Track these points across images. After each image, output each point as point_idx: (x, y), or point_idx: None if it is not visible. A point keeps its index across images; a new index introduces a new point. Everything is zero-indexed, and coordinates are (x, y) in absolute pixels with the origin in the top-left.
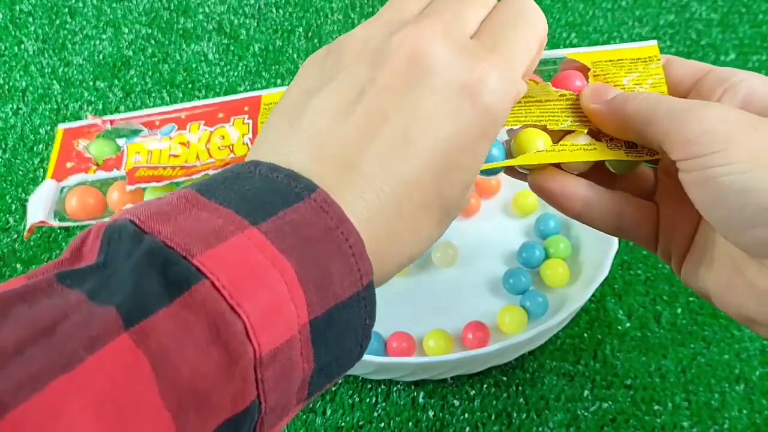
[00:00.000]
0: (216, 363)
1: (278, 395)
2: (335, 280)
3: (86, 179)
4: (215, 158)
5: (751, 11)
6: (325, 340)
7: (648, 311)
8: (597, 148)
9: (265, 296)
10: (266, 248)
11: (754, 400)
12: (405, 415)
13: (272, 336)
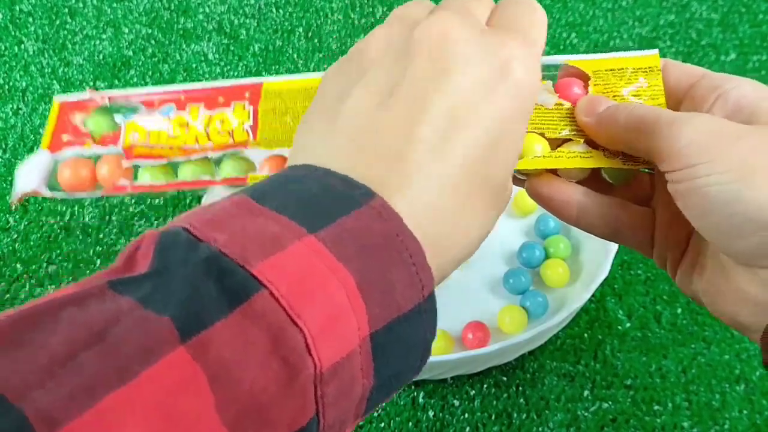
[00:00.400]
0: (276, 377)
1: (337, 412)
2: (397, 291)
3: (81, 153)
4: (214, 143)
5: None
6: (387, 355)
7: (648, 311)
8: (594, 156)
9: (326, 307)
10: (325, 256)
11: (754, 401)
12: (405, 415)
13: (333, 349)
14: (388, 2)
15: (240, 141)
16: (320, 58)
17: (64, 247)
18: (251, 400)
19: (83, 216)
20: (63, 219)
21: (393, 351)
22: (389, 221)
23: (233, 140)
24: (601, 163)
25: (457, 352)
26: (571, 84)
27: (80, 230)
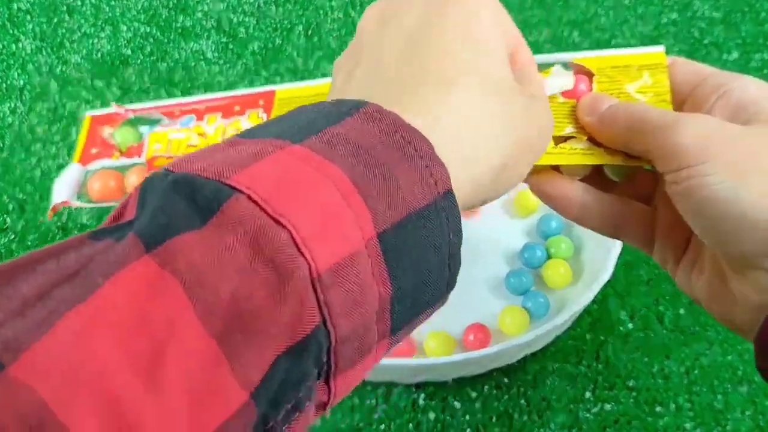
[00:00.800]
0: (263, 281)
1: (352, 323)
2: (403, 187)
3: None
4: None
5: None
6: (401, 258)
7: (651, 312)
8: (595, 153)
9: (313, 204)
10: (311, 159)
11: (757, 402)
12: (405, 417)
13: (331, 249)
14: None
15: None
16: (320, 56)
17: None
18: (236, 307)
19: (80, 216)
20: (60, 220)
21: (409, 254)
22: (384, 121)
23: None
24: (603, 159)
25: (458, 353)
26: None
27: (77, 231)
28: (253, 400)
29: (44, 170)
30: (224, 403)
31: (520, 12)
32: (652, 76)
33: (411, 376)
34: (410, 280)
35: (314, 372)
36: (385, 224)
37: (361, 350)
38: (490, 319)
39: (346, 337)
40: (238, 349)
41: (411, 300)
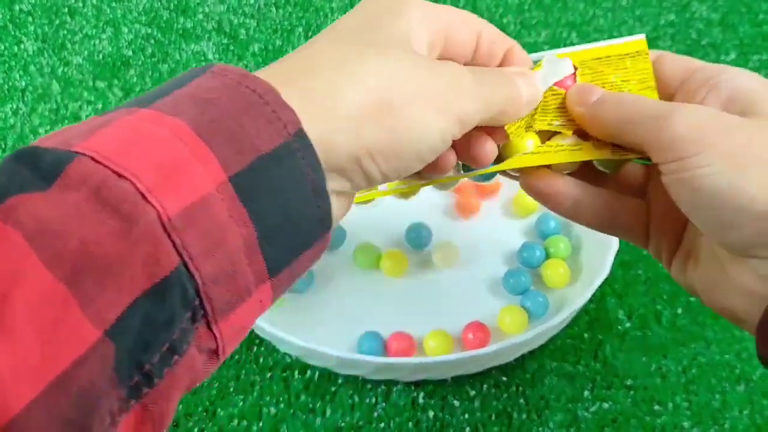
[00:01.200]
0: (110, 229)
1: (216, 263)
2: (250, 132)
3: None
4: None
5: (751, 11)
6: (260, 199)
7: (648, 311)
8: (583, 149)
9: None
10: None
11: (755, 401)
12: (405, 416)
13: (178, 194)
14: None
15: None
16: None
17: None
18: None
19: None
20: None
21: (267, 193)
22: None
23: None
24: (591, 155)
25: (457, 352)
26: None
27: None
28: (109, 338)
29: None
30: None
31: (518, 13)
32: (634, 64)
33: (410, 375)
34: (274, 219)
35: (184, 314)
36: (235, 168)
37: (237, 292)
38: (489, 318)
39: (214, 278)
40: (90, 292)
41: (282, 239)
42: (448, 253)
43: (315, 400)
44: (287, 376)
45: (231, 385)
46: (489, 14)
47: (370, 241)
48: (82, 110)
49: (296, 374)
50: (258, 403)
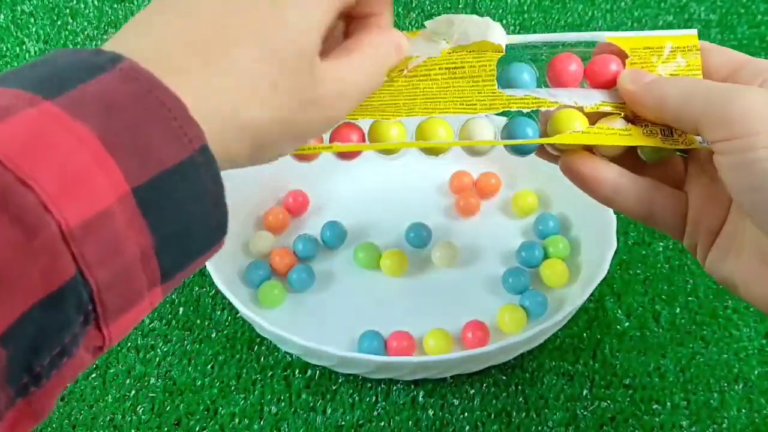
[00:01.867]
0: (10, 238)
1: (111, 272)
2: (155, 146)
3: None
4: None
5: (749, 12)
6: (160, 210)
7: (647, 311)
8: (633, 134)
9: (62, 165)
10: (61, 118)
11: (753, 400)
12: (405, 414)
13: (80, 207)
14: None
15: None
16: None
17: None
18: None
19: None
20: None
21: (169, 206)
22: (139, 80)
23: None
24: (641, 141)
25: (456, 351)
26: (608, 60)
27: None
28: (1, 345)
29: None
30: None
31: (518, 14)
32: (685, 58)
33: (410, 374)
34: (173, 230)
35: (77, 319)
36: (138, 181)
37: (129, 297)
38: (489, 318)
39: (108, 285)
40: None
41: (179, 248)
42: (448, 253)
43: (316, 399)
44: (288, 375)
45: (232, 384)
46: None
47: (370, 241)
48: None
49: (297, 373)
50: (259, 402)
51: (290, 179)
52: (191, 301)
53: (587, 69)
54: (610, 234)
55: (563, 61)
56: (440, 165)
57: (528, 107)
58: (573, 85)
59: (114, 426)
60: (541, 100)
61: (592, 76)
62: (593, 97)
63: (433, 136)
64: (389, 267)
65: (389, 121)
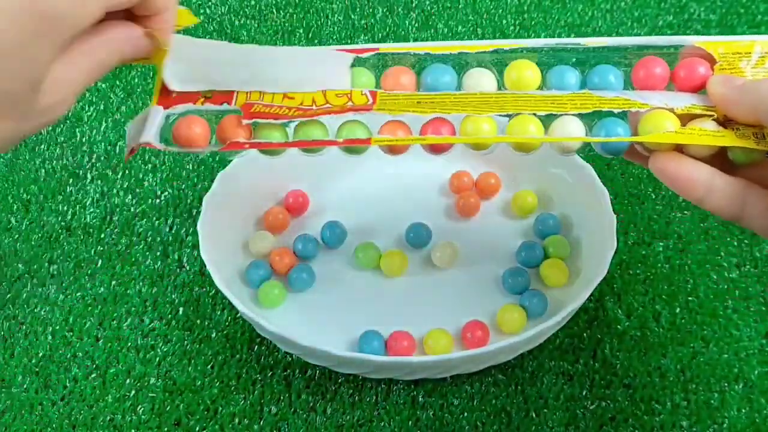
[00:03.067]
0: None
1: None
2: None
3: (194, 109)
4: (332, 104)
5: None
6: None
7: (647, 311)
8: (726, 135)
9: None
10: None
11: (753, 399)
12: (405, 414)
13: None
14: (387, 3)
15: (359, 104)
16: None
17: (65, 247)
18: None
19: (84, 216)
20: (64, 219)
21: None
22: None
23: (352, 102)
24: (734, 142)
25: (456, 351)
26: (695, 64)
27: (81, 230)
28: None
29: (48, 171)
30: None
31: (518, 15)
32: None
33: (410, 374)
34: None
35: None
36: None
37: None
38: (489, 318)
39: None
40: None
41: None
42: (448, 253)
43: (316, 399)
44: (288, 375)
45: (232, 384)
46: (488, 15)
47: (370, 241)
48: (84, 111)
49: (297, 373)
50: (259, 402)
51: (290, 179)
52: (191, 301)
53: (674, 72)
54: (610, 234)
55: (649, 64)
56: (440, 165)
57: (618, 108)
58: (659, 88)
59: (114, 426)
60: (631, 102)
61: (679, 80)
62: (683, 100)
63: (523, 132)
64: (389, 267)
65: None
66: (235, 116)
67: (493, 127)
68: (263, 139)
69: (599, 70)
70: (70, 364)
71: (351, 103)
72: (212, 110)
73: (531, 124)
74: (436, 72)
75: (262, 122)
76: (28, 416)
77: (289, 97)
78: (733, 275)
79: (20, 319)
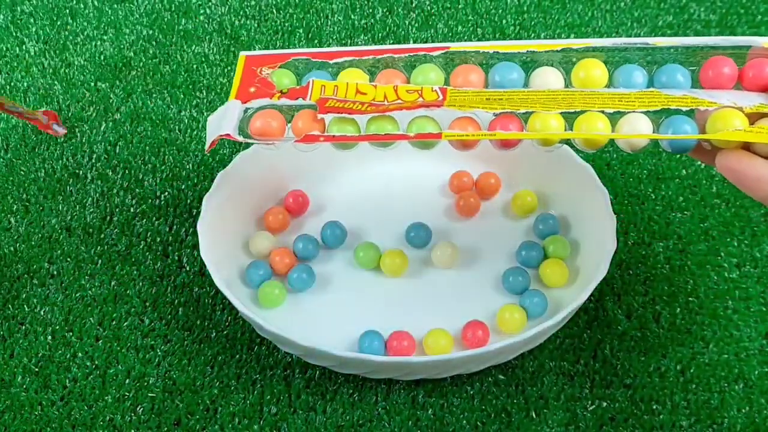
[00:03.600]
0: None
1: None
2: None
3: (270, 104)
4: (403, 99)
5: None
6: None
7: (647, 311)
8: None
9: None
10: None
11: (753, 400)
12: (405, 414)
13: None
14: (387, 3)
15: (430, 101)
16: None
17: (65, 247)
18: None
19: (84, 216)
20: (64, 219)
21: None
22: None
23: (423, 99)
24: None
25: (456, 351)
26: (764, 64)
27: (81, 230)
28: None
29: (48, 172)
30: None
31: (518, 15)
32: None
33: (410, 374)
34: None
35: None
36: None
37: None
38: (489, 318)
39: None
40: None
41: None
42: (448, 253)
43: (316, 399)
44: (288, 375)
45: (232, 384)
46: (488, 15)
47: (370, 241)
48: (85, 111)
49: (297, 373)
50: (259, 402)
51: (290, 179)
52: (191, 301)
53: (743, 72)
54: (610, 234)
55: (717, 64)
56: (440, 165)
57: (687, 106)
58: (727, 87)
59: (114, 426)
60: (699, 100)
61: (747, 79)
62: (752, 99)
63: (592, 129)
64: (389, 267)
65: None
66: (311, 111)
67: (561, 123)
68: (337, 132)
69: (667, 69)
70: (69, 364)
71: (422, 99)
72: (288, 105)
73: (599, 121)
74: (503, 69)
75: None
76: (28, 416)
77: (361, 93)
78: (733, 275)
79: (20, 319)
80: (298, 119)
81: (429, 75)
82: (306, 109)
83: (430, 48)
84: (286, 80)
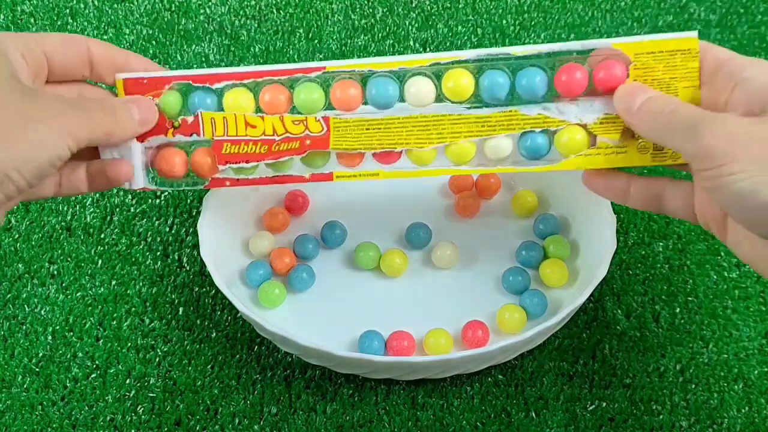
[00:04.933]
0: None
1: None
2: None
3: (166, 141)
4: (290, 132)
5: (749, 12)
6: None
7: (646, 311)
8: (628, 152)
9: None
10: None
11: (752, 400)
12: (405, 414)
13: None
14: (388, 3)
15: (315, 132)
16: (320, 59)
17: (65, 247)
18: None
19: (84, 216)
20: (65, 219)
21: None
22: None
23: (309, 131)
24: (633, 161)
25: (456, 351)
26: (612, 65)
27: (82, 230)
28: None
29: None
30: None
31: (518, 15)
32: (683, 63)
33: (410, 374)
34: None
35: None
36: None
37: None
38: (489, 318)
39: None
40: None
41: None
42: (448, 253)
43: (316, 399)
44: (288, 375)
45: (232, 385)
46: (488, 15)
47: (370, 241)
48: None
49: (297, 373)
50: (259, 402)
51: None
52: (191, 301)
53: (594, 74)
54: (609, 234)
55: (570, 71)
56: None
57: (540, 127)
58: (580, 91)
59: (114, 426)
60: (550, 120)
61: (598, 82)
62: (596, 110)
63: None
64: (389, 267)
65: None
66: (207, 149)
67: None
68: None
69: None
70: (70, 364)
71: (308, 132)
72: (184, 141)
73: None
74: (379, 83)
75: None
76: (29, 416)
77: (251, 125)
78: (732, 275)
79: (20, 319)
80: (197, 156)
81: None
82: (203, 147)
83: (308, 69)
84: (172, 98)
